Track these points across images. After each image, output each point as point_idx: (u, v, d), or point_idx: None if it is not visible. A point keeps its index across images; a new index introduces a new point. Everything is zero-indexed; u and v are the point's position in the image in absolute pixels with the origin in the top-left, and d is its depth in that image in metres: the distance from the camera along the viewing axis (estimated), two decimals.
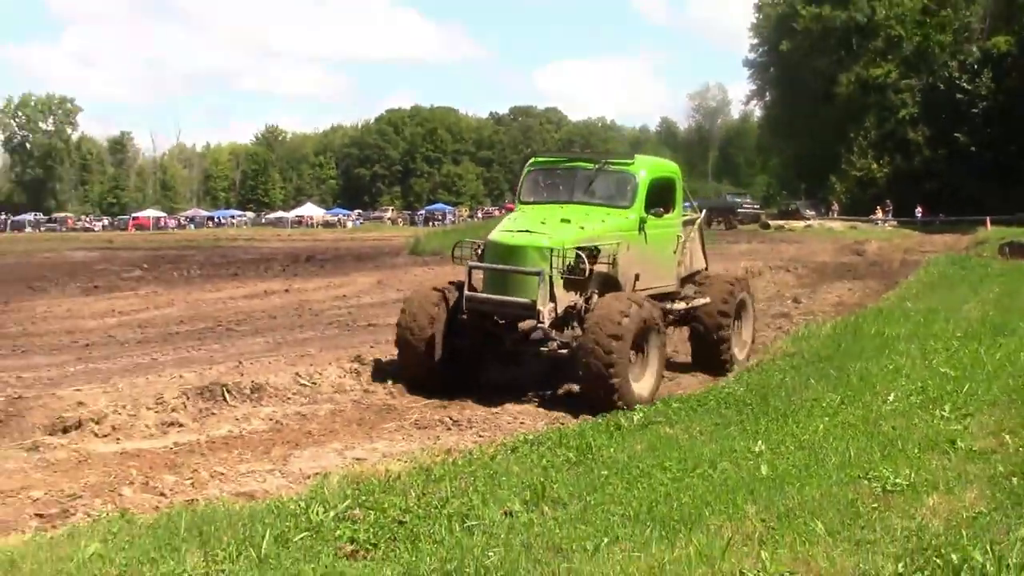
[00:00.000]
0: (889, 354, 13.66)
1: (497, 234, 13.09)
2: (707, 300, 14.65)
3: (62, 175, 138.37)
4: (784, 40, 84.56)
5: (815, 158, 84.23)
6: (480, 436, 10.90)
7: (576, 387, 12.71)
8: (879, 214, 71.58)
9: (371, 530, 6.70)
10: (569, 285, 12.46)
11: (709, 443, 9.26)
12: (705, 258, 15.59)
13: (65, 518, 7.95)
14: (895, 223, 68.98)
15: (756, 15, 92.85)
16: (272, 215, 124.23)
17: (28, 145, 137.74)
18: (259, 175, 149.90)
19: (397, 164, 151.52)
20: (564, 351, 12.38)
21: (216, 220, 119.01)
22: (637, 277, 13.20)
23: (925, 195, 71.65)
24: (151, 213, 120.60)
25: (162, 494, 8.67)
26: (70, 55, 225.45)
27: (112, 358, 14.55)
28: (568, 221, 12.87)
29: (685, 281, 14.94)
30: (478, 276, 13.10)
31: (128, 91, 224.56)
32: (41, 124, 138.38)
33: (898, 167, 76.90)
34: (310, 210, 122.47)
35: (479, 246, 13.25)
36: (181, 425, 10.96)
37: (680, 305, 14.45)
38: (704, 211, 16.05)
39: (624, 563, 5.89)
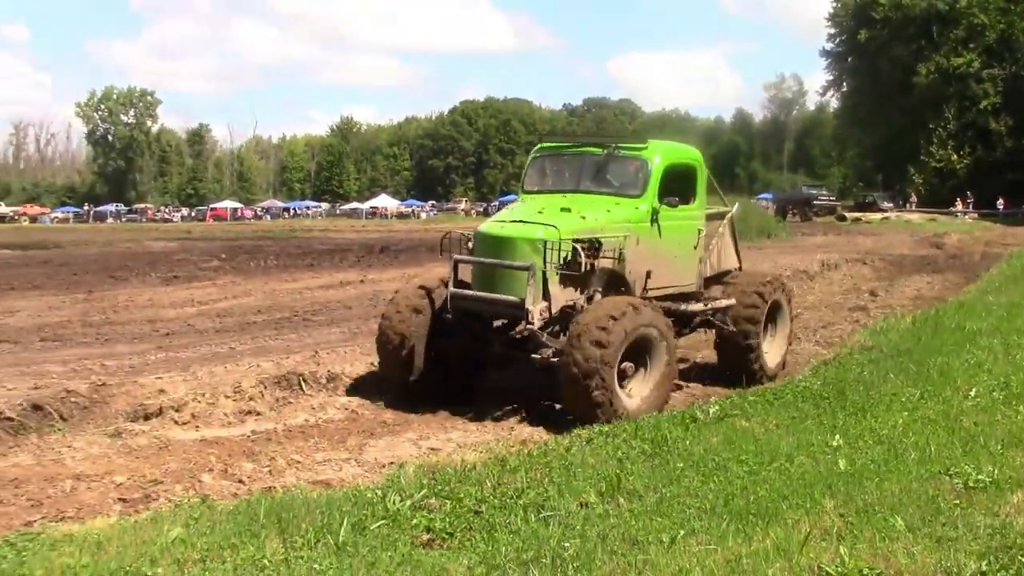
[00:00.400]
0: (970, 348, 13.45)
1: (487, 224, 12.04)
2: (732, 302, 13.33)
3: (142, 167, 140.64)
4: (862, 29, 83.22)
5: (893, 149, 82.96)
6: (554, 427, 10.91)
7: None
8: (959, 206, 70.36)
9: (447, 519, 6.75)
10: (566, 282, 11.16)
11: (786, 437, 9.18)
12: (738, 256, 14.29)
13: (147, 503, 8.14)
14: (976, 215, 67.81)
15: (834, 4, 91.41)
16: (347, 206, 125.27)
17: (110, 137, 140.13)
18: (334, 166, 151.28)
19: (471, 155, 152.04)
20: (557, 359, 10.88)
21: (292, 211, 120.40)
22: (649, 275, 11.98)
23: (1007, 186, 70.35)
24: (228, 204, 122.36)
25: (240, 481, 8.81)
26: (150, 49, 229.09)
27: (191, 347, 14.77)
28: (568, 210, 11.61)
29: (712, 281, 13.65)
30: (470, 272, 11.96)
31: (206, 84, 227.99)
32: (123, 117, 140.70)
33: (979, 158, 75.44)
34: (384, 201, 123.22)
35: (469, 238, 12.00)
36: (259, 414, 11.11)
37: (697, 307, 12.99)
38: (737, 205, 15.03)
39: (701, 556, 5.88)
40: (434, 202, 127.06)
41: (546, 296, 10.98)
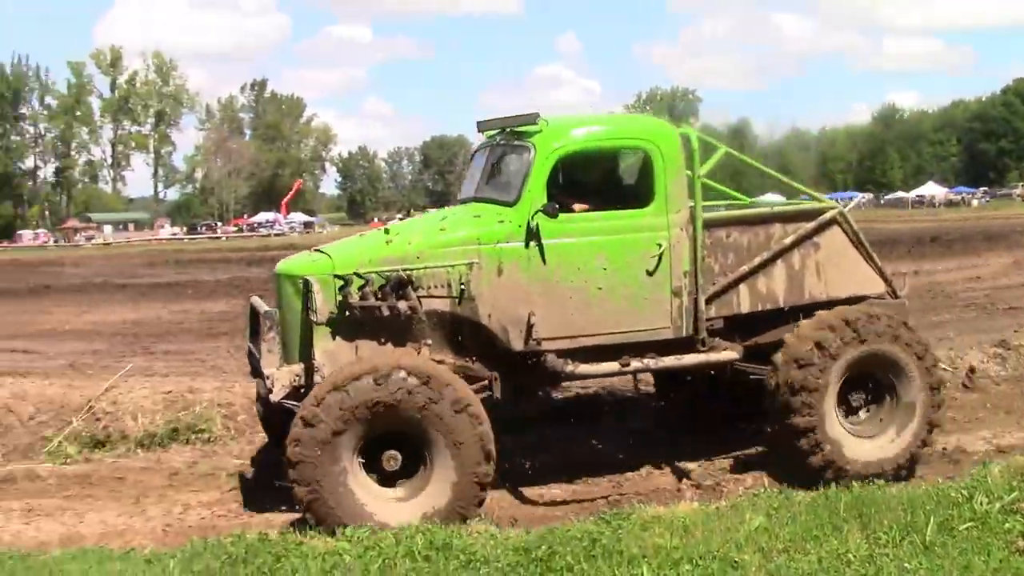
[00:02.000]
0: None
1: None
2: (727, 356, 8.55)
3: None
4: None
5: None
6: None
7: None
8: None
9: None
10: (351, 334, 7.88)
11: None
12: (883, 276, 9.46)
13: (718, 490, 8.50)
14: None
15: None
16: (891, 196, 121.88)
17: None
18: (876, 155, 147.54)
19: None
20: None
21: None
22: (531, 320, 8.03)
23: None
24: (769, 198, 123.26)
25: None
26: (687, 48, 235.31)
27: None
28: (387, 231, 8.42)
29: (770, 322, 8.90)
30: None
31: (743, 79, 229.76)
32: (665, 116, 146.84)
33: None
34: (931, 189, 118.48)
35: None
36: None
37: (604, 367, 8.34)
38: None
39: None
40: (985, 188, 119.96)
41: (305, 355, 7.93)
